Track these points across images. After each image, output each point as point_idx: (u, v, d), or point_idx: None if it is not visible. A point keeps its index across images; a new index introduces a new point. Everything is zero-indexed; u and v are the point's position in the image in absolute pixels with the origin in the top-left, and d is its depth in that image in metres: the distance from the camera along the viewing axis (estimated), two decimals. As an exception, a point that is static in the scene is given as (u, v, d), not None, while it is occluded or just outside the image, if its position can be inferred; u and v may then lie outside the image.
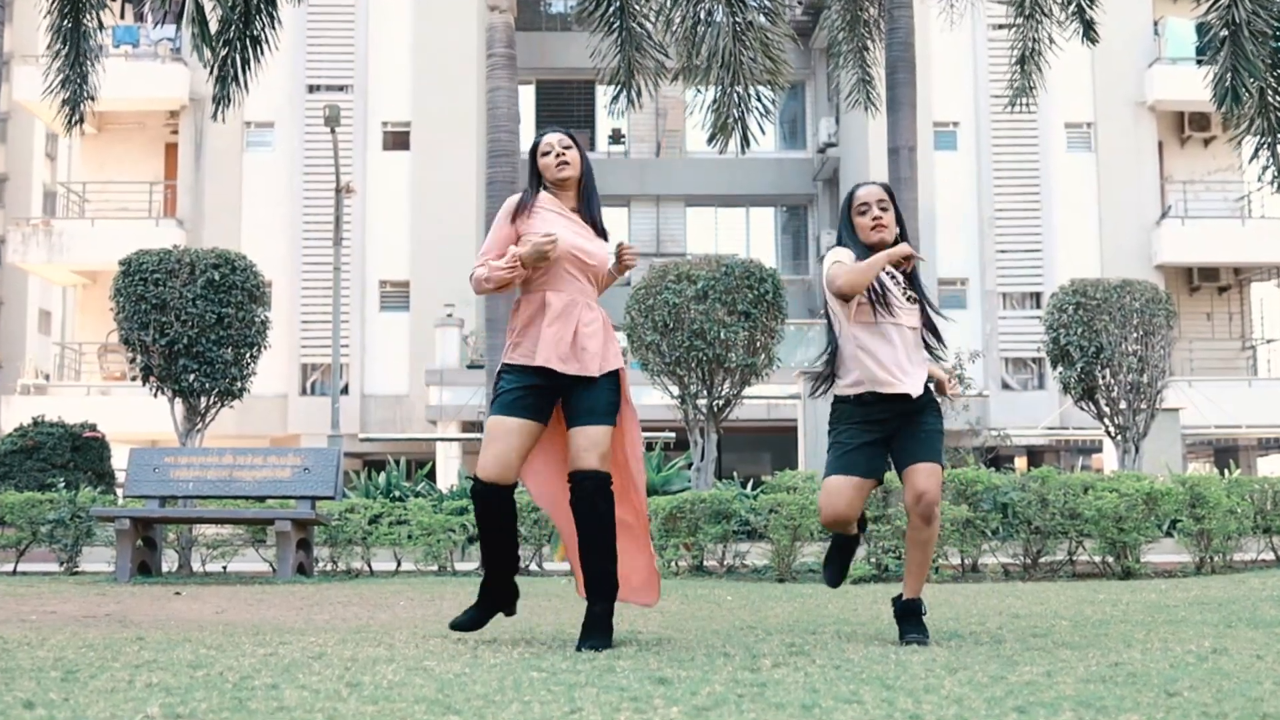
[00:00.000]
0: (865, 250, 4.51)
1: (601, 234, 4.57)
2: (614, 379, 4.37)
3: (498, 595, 4.49)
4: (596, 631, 4.23)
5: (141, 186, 27.51)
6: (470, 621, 4.46)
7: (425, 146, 26.56)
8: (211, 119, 12.28)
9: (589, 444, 4.25)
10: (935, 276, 25.64)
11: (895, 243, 4.54)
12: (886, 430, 4.48)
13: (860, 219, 4.56)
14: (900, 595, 4.55)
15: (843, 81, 16.07)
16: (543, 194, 4.51)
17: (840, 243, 4.61)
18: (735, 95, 12.37)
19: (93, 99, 12.14)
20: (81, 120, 12.23)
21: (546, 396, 4.34)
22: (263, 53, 11.96)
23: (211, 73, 11.87)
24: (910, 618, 4.48)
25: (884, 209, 4.55)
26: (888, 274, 4.49)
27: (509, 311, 4.60)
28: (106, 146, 27.67)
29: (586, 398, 4.28)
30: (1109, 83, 26.71)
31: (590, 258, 4.40)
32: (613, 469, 4.36)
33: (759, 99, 12.68)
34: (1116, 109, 26.93)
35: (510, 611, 4.56)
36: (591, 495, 4.25)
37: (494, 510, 4.36)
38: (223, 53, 11.76)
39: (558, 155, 4.46)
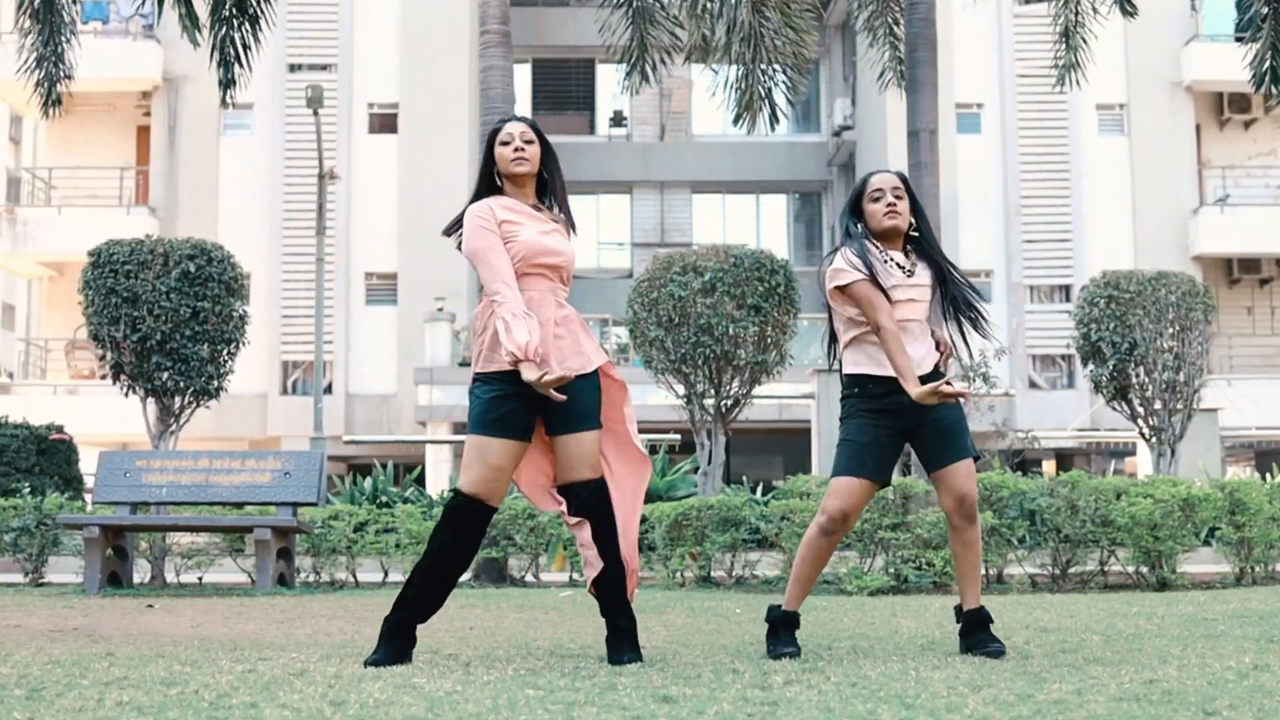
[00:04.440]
0: (873, 238, 4.56)
1: (571, 226, 4.58)
2: (593, 379, 4.37)
3: (407, 640, 4.28)
4: (627, 645, 4.30)
5: (111, 172, 27.52)
6: (384, 660, 4.19)
7: (414, 130, 26.56)
8: (220, 105, 12.43)
9: (579, 454, 4.30)
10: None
11: (911, 233, 4.59)
12: (900, 423, 4.45)
13: (873, 205, 4.58)
14: (960, 606, 4.57)
15: (867, 60, 16.01)
16: (502, 198, 4.45)
17: (845, 235, 4.64)
18: (759, 72, 12.37)
19: (70, 78, 12.24)
20: (59, 102, 12.32)
21: (528, 406, 4.27)
22: (261, 30, 12.05)
23: (212, 55, 11.98)
24: (981, 627, 4.51)
25: (899, 196, 4.57)
26: (894, 265, 4.51)
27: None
28: (74, 130, 27.66)
29: (567, 401, 4.24)
30: (1143, 61, 26.67)
31: (557, 256, 4.39)
32: (612, 442, 4.42)
33: (784, 72, 12.67)
34: (1151, 89, 26.88)
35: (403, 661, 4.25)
36: (592, 503, 4.33)
37: (469, 530, 4.30)
38: (220, 32, 11.85)
39: (516, 149, 4.44)
